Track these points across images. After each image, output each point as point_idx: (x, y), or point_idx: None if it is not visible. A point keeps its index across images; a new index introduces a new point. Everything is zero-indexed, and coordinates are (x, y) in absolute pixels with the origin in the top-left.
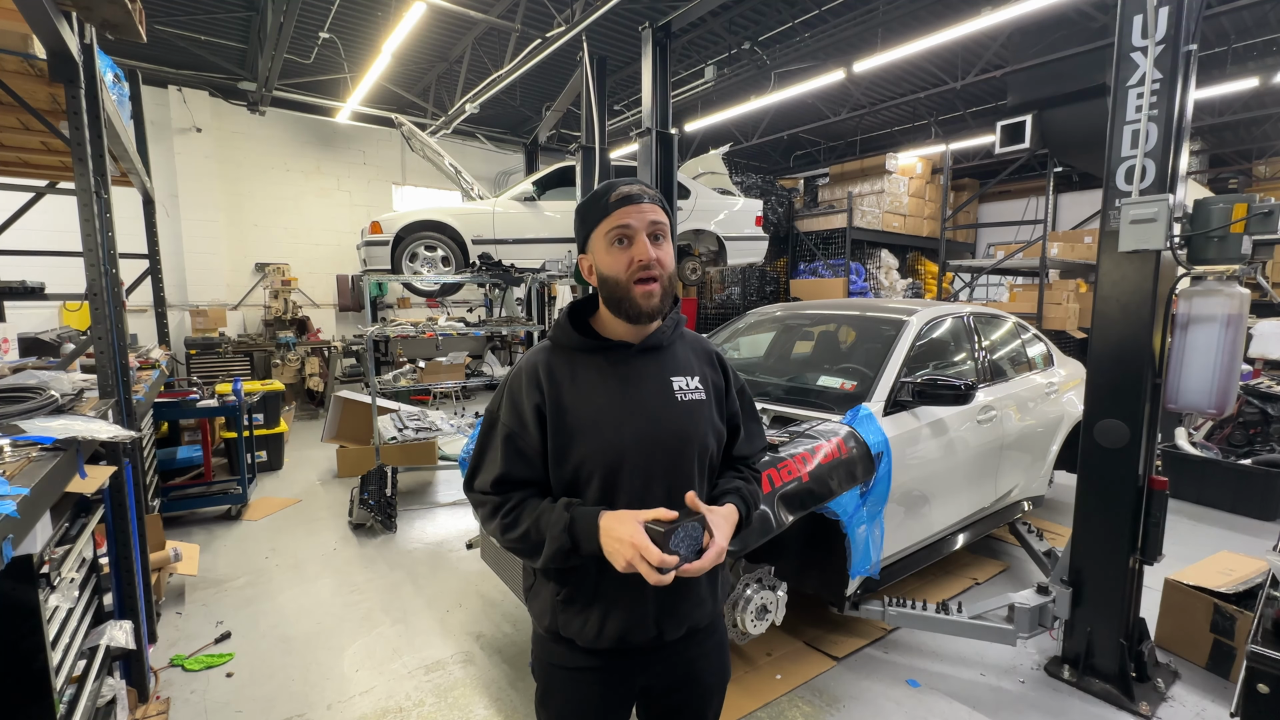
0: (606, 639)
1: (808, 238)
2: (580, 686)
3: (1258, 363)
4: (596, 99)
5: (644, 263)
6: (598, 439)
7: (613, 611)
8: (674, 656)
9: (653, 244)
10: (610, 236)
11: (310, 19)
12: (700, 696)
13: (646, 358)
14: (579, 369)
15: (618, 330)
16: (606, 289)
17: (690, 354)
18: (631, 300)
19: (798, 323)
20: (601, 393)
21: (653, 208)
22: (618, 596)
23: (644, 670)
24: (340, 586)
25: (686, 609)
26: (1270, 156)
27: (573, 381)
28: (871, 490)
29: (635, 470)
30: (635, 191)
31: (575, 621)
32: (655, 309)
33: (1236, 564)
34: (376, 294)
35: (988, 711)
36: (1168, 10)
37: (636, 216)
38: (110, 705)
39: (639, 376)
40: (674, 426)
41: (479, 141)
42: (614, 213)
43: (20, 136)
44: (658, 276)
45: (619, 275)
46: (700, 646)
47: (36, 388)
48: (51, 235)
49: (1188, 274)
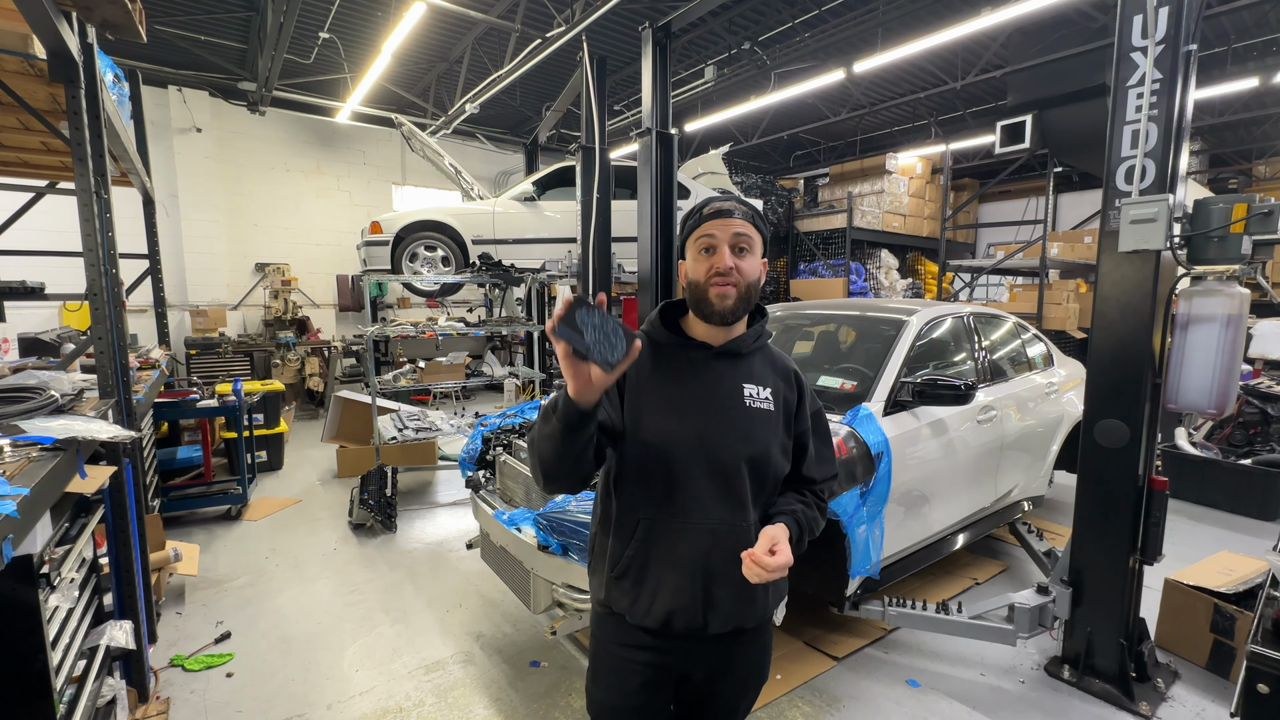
0: (654, 618)
1: (808, 238)
2: (627, 665)
3: (1258, 363)
4: (596, 99)
5: (720, 269)
6: (663, 423)
7: (661, 592)
8: (718, 649)
9: (735, 255)
10: (698, 245)
11: (310, 19)
12: (735, 689)
13: (723, 361)
14: (661, 359)
15: (700, 331)
16: (690, 291)
17: (768, 367)
18: (708, 300)
19: (798, 323)
20: (674, 383)
21: (741, 222)
22: (664, 577)
23: (686, 656)
24: (340, 586)
25: (735, 605)
26: (1270, 156)
27: (654, 369)
28: (871, 490)
29: (694, 459)
30: (727, 207)
31: (626, 598)
32: (729, 310)
33: (1236, 564)
34: (376, 294)
35: (988, 711)
36: (1168, 10)
37: (722, 229)
38: (110, 705)
39: (713, 377)
40: (736, 428)
41: (479, 141)
42: (705, 224)
43: (20, 136)
44: (735, 283)
45: (700, 278)
46: (745, 646)
47: (36, 388)
48: (51, 235)
49: (1188, 274)
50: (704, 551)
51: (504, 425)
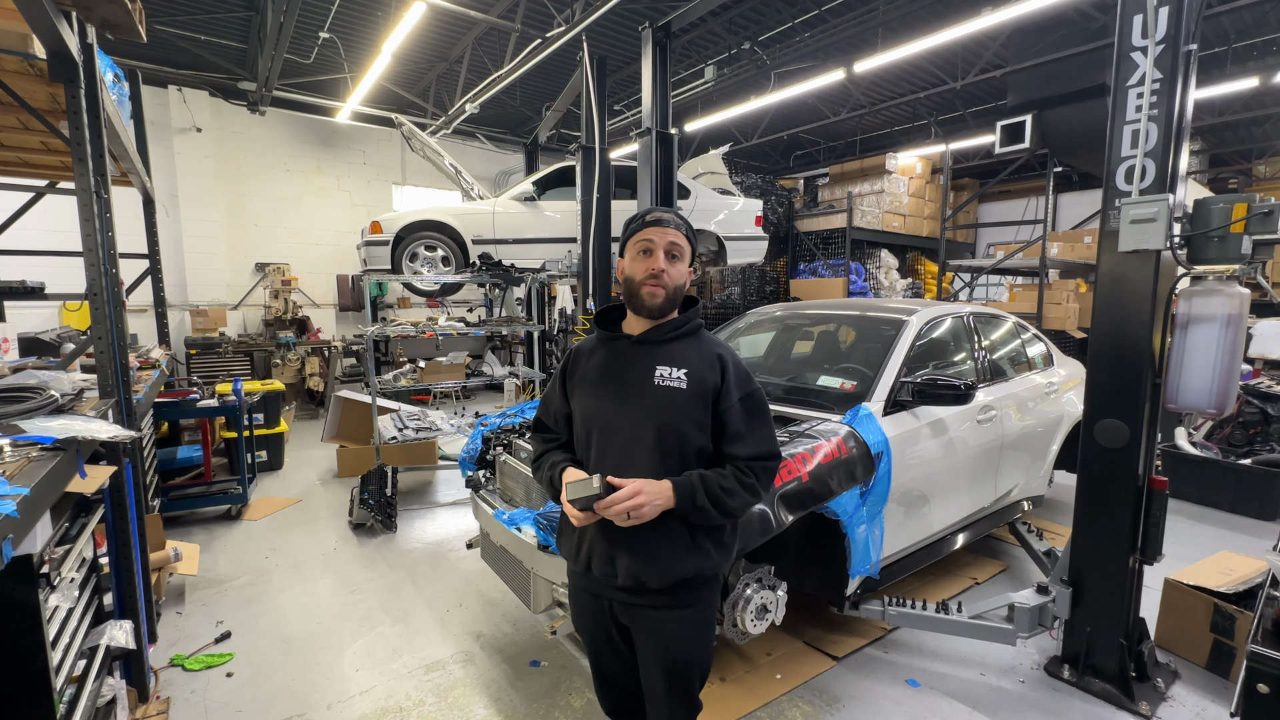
0: (580, 562)
1: (808, 238)
2: (578, 596)
3: (1258, 363)
4: (596, 99)
5: (654, 271)
6: (587, 404)
7: (583, 543)
8: (630, 600)
9: (667, 260)
10: (638, 247)
11: (310, 19)
12: (659, 655)
13: (641, 347)
14: (596, 354)
15: (633, 327)
16: (626, 286)
17: (693, 352)
18: (640, 297)
19: (798, 323)
20: (599, 372)
21: (675, 232)
22: (591, 530)
23: (610, 601)
24: (340, 586)
25: (633, 562)
26: (1270, 156)
27: (589, 362)
28: (871, 490)
29: (608, 432)
30: (666, 217)
31: (565, 545)
32: (657, 307)
33: (1236, 564)
34: (376, 294)
35: (988, 711)
36: (1168, 10)
37: (660, 235)
38: (110, 705)
39: (629, 361)
40: (641, 404)
41: (479, 141)
42: (645, 229)
43: (20, 136)
44: (665, 284)
45: (636, 276)
46: (663, 609)
47: (36, 388)
48: (51, 235)
49: (1188, 274)
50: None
51: (504, 425)
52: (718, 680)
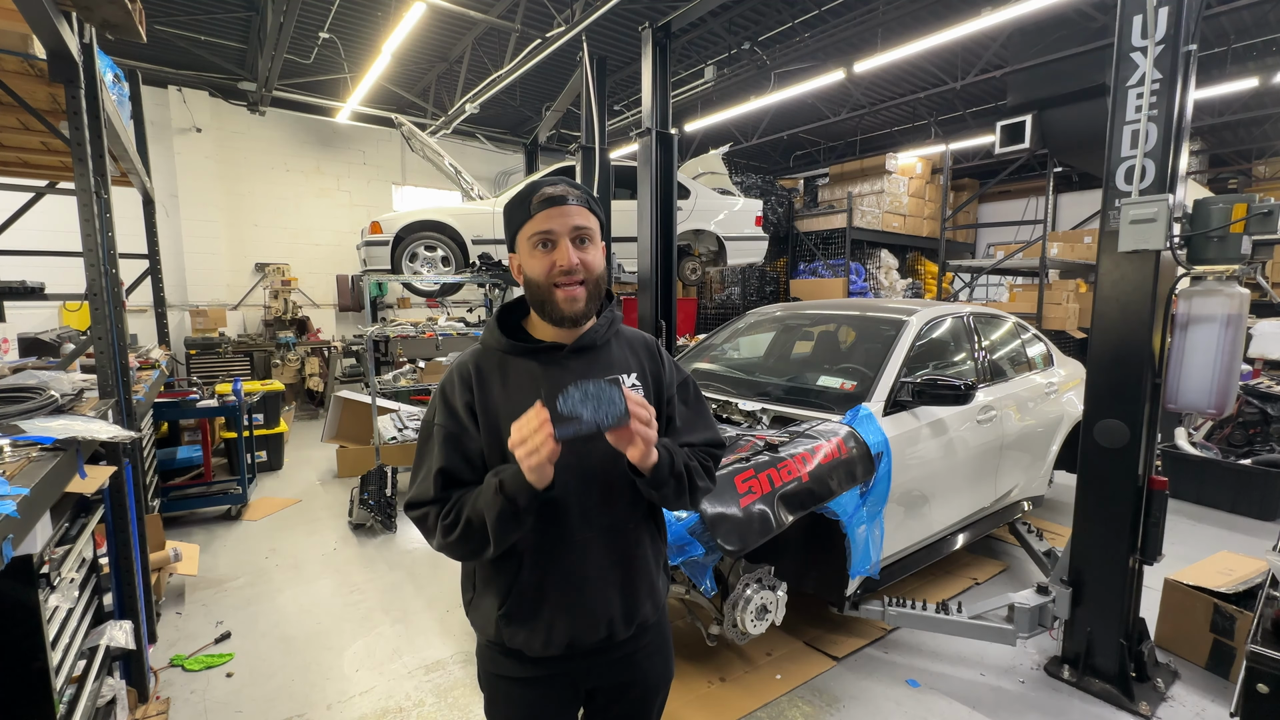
0: (555, 646)
1: (808, 238)
2: (527, 694)
3: (1258, 363)
4: (596, 99)
5: (565, 268)
6: None
7: (559, 618)
8: (621, 657)
9: (577, 247)
10: (533, 240)
11: (310, 19)
12: (644, 698)
13: (580, 358)
14: (510, 372)
15: (549, 332)
16: (530, 291)
17: (627, 350)
18: (553, 304)
19: (798, 323)
20: (529, 393)
21: (578, 209)
22: (563, 602)
23: (590, 673)
24: (340, 586)
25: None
26: (1270, 156)
27: (503, 385)
28: (871, 490)
29: (564, 471)
30: (559, 193)
31: (521, 633)
32: (579, 313)
33: (1236, 564)
34: (376, 294)
35: (988, 711)
36: (1168, 10)
37: (559, 220)
38: (110, 705)
39: (571, 377)
40: None
41: (479, 141)
42: (536, 216)
43: (20, 136)
44: (582, 280)
45: (541, 278)
46: (646, 644)
47: (36, 388)
48: (51, 235)
49: (1187, 274)
50: (596, 563)
51: None
52: (718, 680)
